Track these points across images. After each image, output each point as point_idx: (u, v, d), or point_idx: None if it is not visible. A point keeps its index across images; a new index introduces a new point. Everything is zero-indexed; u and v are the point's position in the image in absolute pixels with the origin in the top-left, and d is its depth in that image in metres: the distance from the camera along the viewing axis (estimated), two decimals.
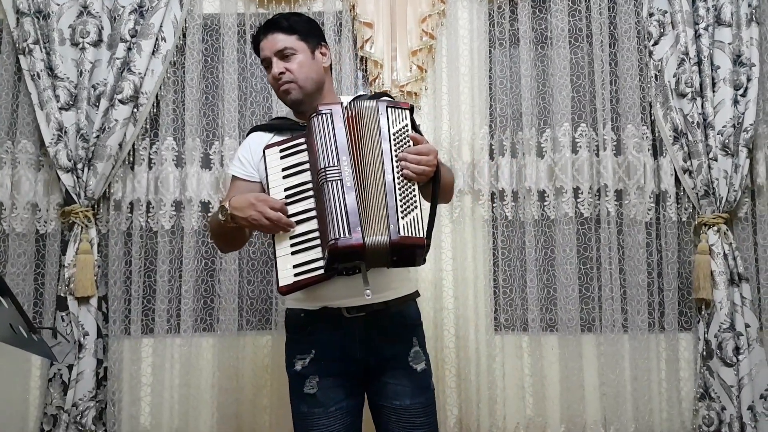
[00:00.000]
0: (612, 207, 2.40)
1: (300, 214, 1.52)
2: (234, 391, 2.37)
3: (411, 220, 1.44)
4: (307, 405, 1.62)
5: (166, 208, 2.42)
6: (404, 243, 1.43)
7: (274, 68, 1.68)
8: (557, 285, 2.40)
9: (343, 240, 1.41)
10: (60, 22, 2.38)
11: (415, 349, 1.66)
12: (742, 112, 2.34)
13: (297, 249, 1.51)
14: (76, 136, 2.33)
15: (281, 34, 1.68)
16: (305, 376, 1.62)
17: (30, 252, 2.40)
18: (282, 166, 1.56)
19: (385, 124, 1.50)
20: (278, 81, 1.68)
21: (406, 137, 1.50)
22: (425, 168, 1.48)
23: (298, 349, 1.65)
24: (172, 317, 2.41)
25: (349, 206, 1.43)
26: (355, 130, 1.50)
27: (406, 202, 1.45)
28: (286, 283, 1.49)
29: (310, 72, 1.69)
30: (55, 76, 2.35)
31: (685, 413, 2.37)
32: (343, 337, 1.61)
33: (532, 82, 2.45)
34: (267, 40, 1.70)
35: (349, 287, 1.56)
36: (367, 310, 1.60)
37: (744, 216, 2.40)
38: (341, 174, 1.45)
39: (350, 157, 1.47)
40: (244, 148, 1.75)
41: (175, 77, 2.48)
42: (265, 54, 1.70)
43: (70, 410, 2.26)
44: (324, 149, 1.48)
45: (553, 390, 2.38)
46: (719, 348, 2.30)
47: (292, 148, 1.57)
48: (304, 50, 1.69)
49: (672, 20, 2.39)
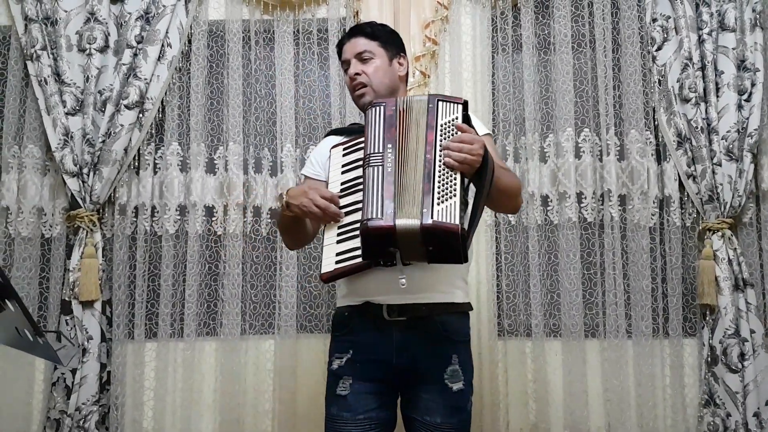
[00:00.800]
0: (616, 212, 2.39)
1: (351, 206, 1.54)
2: (236, 395, 2.37)
3: (447, 207, 1.39)
4: (337, 407, 1.59)
5: (170, 212, 2.43)
6: (436, 227, 1.37)
7: (351, 69, 1.73)
8: (561, 290, 2.39)
9: (373, 221, 1.40)
10: (67, 28, 2.41)
11: (453, 368, 1.59)
12: (746, 117, 2.34)
13: (342, 238, 1.51)
14: (82, 141, 2.35)
15: (363, 38, 1.75)
16: (340, 377, 1.60)
17: (35, 256, 2.42)
18: (342, 163, 1.62)
19: (433, 115, 1.49)
20: (353, 81, 1.73)
21: (453, 128, 1.48)
22: (467, 156, 1.42)
23: (338, 348, 1.65)
24: (176, 321, 2.42)
25: (385, 190, 1.43)
26: (403, 121, 1.51)
27: (443, 189, 1.41)
28: (326, 270, 1.49)
29: (384, 77, 1.73)
30: (62, 82, 2.37)
31: (689, 420, 2.35)
32: (381, 341, 1.58)
33: (535, 88, 2.46)
34: (349, 43, 1.76)
35: (387, 281, 1.53)
36: (408, 315, 1.57)
37: (749, 221, 2.39)
38: (383, 160, 1.47)
39: (395, 145, 1.48)
40: (316, 150, 1.83)
41: (181, 83, 2.50)
42: (345, 56, 1.76)
43: (73, 414, 2.27)
44: (372, 138, 1.50)
45: (557, 396, 2.37)
46: (724, 354, 2.28)
47: (353, 146, 1.62)
48: (382, 56, 1.74)
49: (675, 25, 2.39)
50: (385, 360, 1.57)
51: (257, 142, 2.50)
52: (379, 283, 1.56)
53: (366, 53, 1.73)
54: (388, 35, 1.79)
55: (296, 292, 2.41)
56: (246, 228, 2.44)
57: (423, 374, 1.58)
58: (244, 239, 2.44)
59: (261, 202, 2.46)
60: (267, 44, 2.54)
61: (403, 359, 1.57)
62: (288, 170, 2.45)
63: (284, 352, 2.38)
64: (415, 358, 1.58)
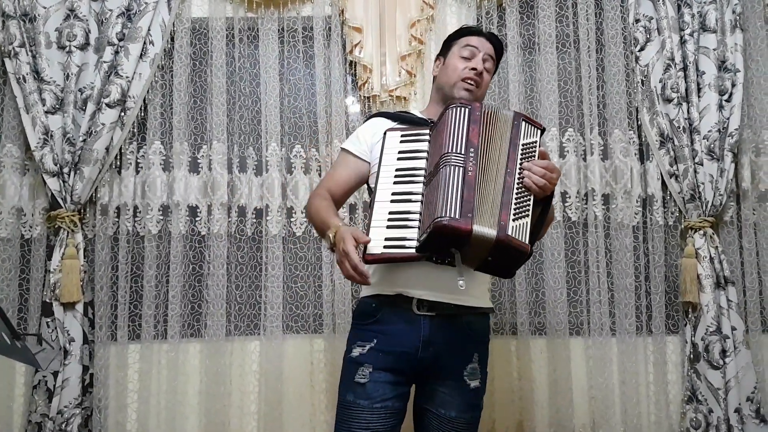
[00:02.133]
0: (599, 211, 2.41)
1: (404, 194, 1.54)
2: (221, 397, 2.35)
3: (520, 225, 1.43)
4: (354, 394, 1.59)
5: (153, 212, 2.40)
6: (510, 243, 1.40)
7: (479, 63, 1.74)
8: (545, 289, 2.41)
9: (452, 220, 1.39)
10: (46, 25, 2.36)
11: (473, 366, 1.64)
12: (727, 117, 2.37)
13: (392, 224, 1.51)
14: (63, 140, 2.31)
15: (494, 49, 1.80)
16: (360, 364, 1.60)
17: (15, 257, 2.37)
18: (399, 149, 1.61)
19: (516, 133, 1.53)
20: (473, 72, 1.73)
21: (534, 151, 1.53)
22: (547, 183, 1.48)
23: (361, 336, 1.64)
24: (159, 323, 2.39)
25: (466, 192, 1.42)
26: (487, 129, 1.52)
27: (519, 207, 1.45)
28: (373, 252, 1.47)
29: (485, 92, 1.80)
30: (41, 80, 2.33)
31: (672, 416, 2.39)
32: (408, 334, 1.59)
33: (519, 87, 2.47)
34: (483, 41, 1.78)
35: (430, 278, 1.57)
36: (437, 311, 1.59)
37: (730, 220, 2.43)
38: (465, 162, 1.46)
39: (477, 151, 1.48)
40: (364, 128, 1.80)
41: (163, 81, 2.47)
42: (476, 45, 1.77)
43: (55, 418, 2.23)
44: (453, 137, 1.50)
45: (542, 393, 2.39)
46: (706, 351, 2.32)
47: (414, 135, 1.62)
48: (491, 74, 1.81)
49: (658, 26, 2.42)
50: (410, 352, 1.59)
51: (241, 141, 2.47)
52: (415, 276, 1.58)
53: (490, 62, 1.78)
54: (500, 62, 1.86)
55: (282, 292, 2.39)
56: (231, 228, 2.42)
57: (444, 369, 1.61)
58: (229, 239, 2.42)
59: (246, 202, 2.44)
60: (251, 42, 2.52)
61: (428, 353, 1.59)
62: (273, 169, 2.43)
63: (270, 353, 2.37)
64: (438, 353, 1.60)
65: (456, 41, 1.81)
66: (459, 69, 1.74)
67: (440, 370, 1.61)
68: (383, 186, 1.57)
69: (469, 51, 1.76)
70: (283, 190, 2.44)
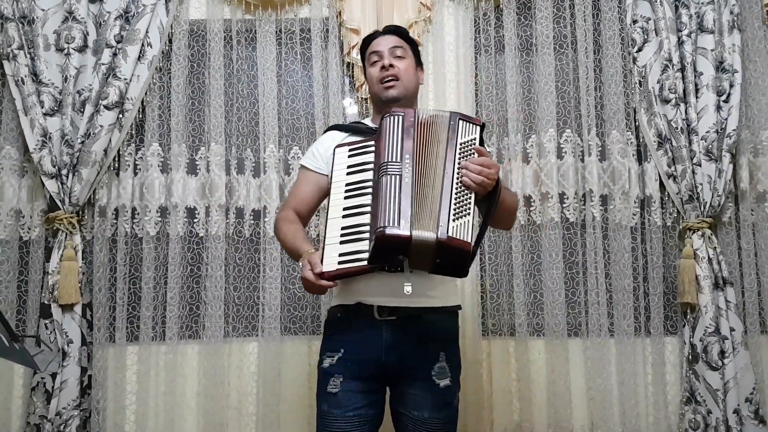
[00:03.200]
0: (597, 212, 2.41)
1: (355, 208, 1.56)
2: (220, 398, 2.35)
3: (461, 225, 1.45)
4: (328, 404, 1.62)
5: (151, 214, 2.40)
6: (450, 244, 1.43)
7: (385, 60, 1.75)
8: (544, 290, 2.41)
9: (390, 228, 1.43)
10: (45, 27, 2.37)
11: (440, 365, 1.64)
12: (725, 118, 2.37)
13: (345, 239, 1.53)
14: (61, 142, 2.32)
15: (398, 37, 1.80)
16: (330, 375, 1.63)
17: (13, 259, 2.38)
18: (347, 164, 1.63)
19: (454, 133, 1.55)
20: (386, 71, 1.74)
21: (472, 149, 1.55)
22: (485, 180, 1.50)
23: (329, 346, 1.67)
24: (158, 324, 2.39)
25: (402, 200, 1.46)
26: (423, 134, 1.55)
27: (459, 207, 1.47)
28: (328, 270, 1.51)
29: (412, 79, 1.78)
30: (39, 82, 2.33)
31: (671, 417, 2.38)
32: (372, 340, 1.62)
33: (517, 89, 2.47)
34: (384, 38, 1.80)
35: (386, 285, 1.59)
36: (399, 315, 1.61)
37: (728, 221, 2.43)
38: (401, 170, 1.50)
39: (413, 157, 1.51)
40: (319, 143, 1.83)
41: (161, 83, 2.47)
42: (378, 48, 1.78)
43: (53, 419, 2.24)
44: (389, 147, 1.53)
45: (540, 394, 2.38)
46: (705, 352, 2.31)
47: (360, 149, 1.64)
48: (411, 59, 1.80)
49: (655, 27, 2.41)
50: (375, 358, 1.61)
51: (239, 143, 2.48)
52: (373, 286, 1.61)
53: (400, 50, 1.78)
54: (416, 46, 1.86)
55: (280, 294, 2.40)
56: (228, 229, 2.43)
57: (411, 371, 1.63)
58: (227, 241, 2.42)
59: (244, 203, 2.45)
60: (249, 44, 2.53)
61: (392, 357, 1.61)
62: (271, 171, 2.43)
63: (268, 354, 2.37)
64: (403, 355, 1.62)
65: (365, 56, 1.84)
66: (374, 76, 1.77)
67: (408, 372, 1.63)
68: (335, 202, 1.60)
69: (375, 56, 1.78)
70: (281, 191, 2.44)
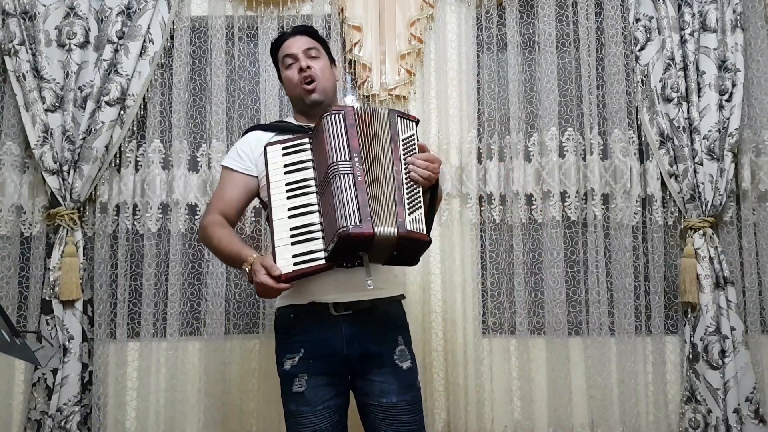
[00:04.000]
0: (599, 211, 2.41)
1: (300, 208, 1.57)
2: (221, 395, 2.36)
3: (416, 218, 1.51)
4: (296, 403, 1.65)
5: (152, 210, 2.40)
6: (411, 236, 1.48)
7: (302, 62, 1.76)
8: (545, 288, 2.41)
9: (354, 228, 1.45)
10: (46, 23, 2.36)
11: (400, 348, 1.70)
12: (727, 117, 2.37)
13: (297, 240, 1.53)
14: (62, 138, 2.32)
15: (309, 38, 1.81)
16: (294, 375, 1.65)
17: (14, 255, 2.38)
18: (284, 163, 1.62)
19: (395, 130, 1.59)
20: (304, 74, 1.75)
21: (413, 145, 1.60)
22: (431, 174, 1.57)
23: (288, 348, 1.69)
24: (159, 321, 2.39)
25: (360, 198, 1.49)
26: (366, 131, 1.58)
27: (411, 200, 1.53)
28: (285, 272, 1.51)
29: (329, 78, 1.80)
30: (41, 78, 2.33)
31: (671, 416, 2.38)
32: (331, 336, 1.64)
33: (519, 87, 2.46)
34: (295, 40, 1.80)
35: (339, 281, 1.62)
36: (354, 309, 1.64)
37: (729, 220, 2.43)
38: (353, 168, 1.52)
39: (360, 154, 1.54)
40: (243, 143, 1.81)
41: (163, 79, 2.47)
42: (291, 50, 1.78)
43: (54, 415, 2.24)
44: (335, 145, 1.55)
45: (541, 393, 2.39)
46: (705, 351, 2.31)
47: (295, 147, 1.63)
48: (325, 59, 1.82)
49: (658, 26, 2.41)
50: (337, 353, 1.64)
51: None
52: (325, 284, 1.62)
53: (313, 50, 1.79)
54: (326, 44, 1.88)
55: None
56: None
57: (374, 359, 1.67)
58: None
59: None
60: (251, 40, 2.52)
61: (354, 349, 1.65)
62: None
63: (268, 351, 2.36)
64: (365, 346, 1.66)
65: (278, 59, 1.84)
66: (293, 80, 1.78)
67: (371, 361, 1.66)
68: (278, 203, 1.58)
69: (290, 59, 1.78)
70: None
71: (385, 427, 1.65)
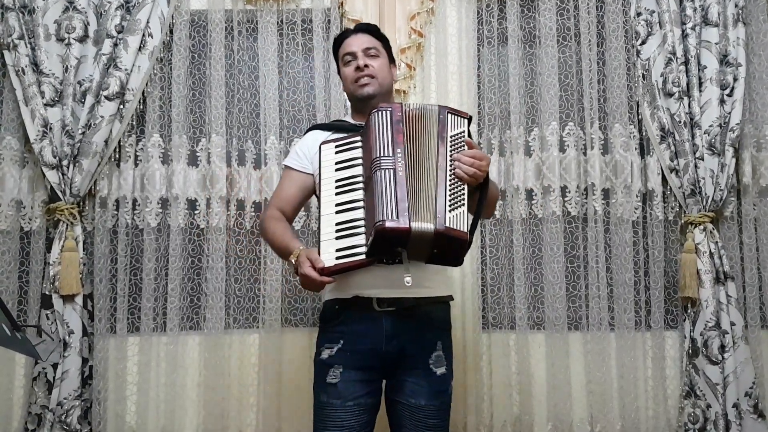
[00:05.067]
0: (599, 206, 2.40)
1: (347, 204, 1.59)
2: (221, 389, 2.36)
3: (457, 215, 1.49)
4: (327, 395, 1.65)
5: (152, 205, 2.40)
6: (448, 234, 1.47)
7: (360, 61, 1.78)
8: (544, 283, 2.41)
9: (390, 222, 1.46)
10: (45, 17, 2.35)
11: (437, 353, 1.69)
12: (728, 112, 2.36)
13: (341, 234, 1.56)
14: (62, 133, 2.31)
15: (371, 36, 1.84)
16: (330, 366, 1.66)
17: (14, 249, 2.38)
18: (335, 160, 1.66)
19: (443, 126, 1.59)
20: (360, 72, 1.78)
21: (462, 142, 1.59)
22: (477, 171, 1.55)
23: (328, 338, 1.70)
24: (159, 315, 2.39)
25: (399, 193, 1.49)
26: (412, 127, 1.59)
27: (454, 198, 1.51)
28: (327, 265, 1.53)
29: (387, 76, 1.83)
30: (40, 72, 2.32)
31: (670, 411, 2.39)
32: (372, 330, 1.65)
33: (520, 81, 2.45)
34: (356, 38, 1.83)
35: (383, 277, 1.63)
36: (398, 306, 1.65)
37: (730, 215, 2.42)
38: (394, 164, 1.53)
39: (405, 150, 1.55)
40: (302, 143, 1.86)
41: (162, 74, 2.46)
42: (351, 49, 1.81)
43: (55, 409, 2.25)
44: (380, 141, 1.56)
45: (540, 388, 2.39)
46: (705, 346, 2.31)
47: (346, 145, 1.67)
48: (384, 57, 1.84)
49: (659, 20, 2.40)
50: (375, 348, 1.65)
51: (240, 134, 2.47)
52: (370, 278, 1.63)
53: (373, 49, 1.81)
54: (387, 42, 1.89)
55: (280, 285, 2.40)
56: (229, 221, 2.42)
57: (410, 360, 1.67)
58: (228, 233, 2.42)
59: (245, 195, 2.44)
60: (250, 35, 2.51)
61: (392, 346, 1.65)
62: (272, 162, 2.42)
63: (269, 346, 2.37)
64: (403, 345, 1.66)
65: (338, 56, 1.87)
66: (349, 77, 1.81)
67: (406, 361, 1.67)
68: (326, 199, 1.62)
69: (349, 57, 1.82)
70: None
71: (409, 424, 1.67)
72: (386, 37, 1.90)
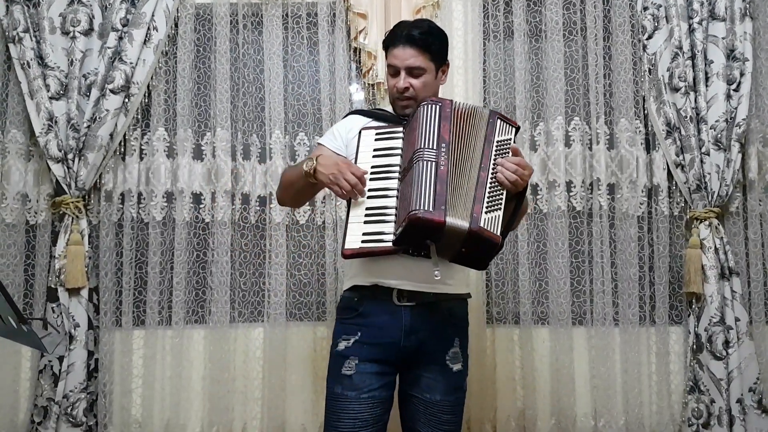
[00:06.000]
0: (604, 201, 2.40)
1: (379, 191, 1.60)
2: (225, 382, 2.37)
3: (492, 218, 1.49)
4: (342, 387, 1.65)
5: (157, 199, 2.40)
6: (482, 234, 1.46)
7: (401, 82, 1.72)
8: (549, 278, 2.41)
9: (425, 213, 1.45)
10: (50, 10, 2.35)
11: (454, 350, 1.70)
12: (734, 107, 2.35)
13: (370, 219, 1.56)
14: (67, 126, 2.31)
15: (416, 50, 1.71)
16: (346, 357, 1.66)
17: (20, 243, 2.38)
18: (374, 147, 1.66)
19: (492, 130, 1.59)
20: (400, 92, 1.73)
21: (508, 148, 1.58)
22: (518, 179, 1.54)
23: (345, 330, 1.70)
24: (164, 309, 2.40)
25: (438, 186, 1.48)
26: (460, 125, 1.58)
27: (491, 201, 1.51)
28: (351, 247, 1.54)
29: (430, 91, 1.75)
30: (45, 65, 2.32)
31: (674, 406, 2.39)
32: (391, 324, 1.65)
33: (525, 75, 2.45)
34: (401, 51, 1.72)
35: (406, 268, 1.62)
36: (417, 301, 1.65)
37: (735, 210, 2.42)
38: (437, 157, 1.52)
39: (449, 146, 1.54)
40: (341, 124, 1.84)
41: (167, 67, 2.46)
42: (395, 62, 1.73)
43: (60, 402, 2.26)
44: (425, 133, 1.55)
45: (544, 382, 2.39)
46: (709, 341, 2.31)
47: (388, 134, 1.67)
48: (431, 71, 1.75)
49: (666, 14, 2.39)
50: (394, 342, 1.65)
51: (245, 128, 2.47)
52: (392, 268, 1.63)
53: (417, 70, 1.71)
54: (440, 46, 1.76)
55: (285, 279, 2.40)
56: (234, 215, 2.43)
57: (427, 355, 1.68)
58: (233, 227, 2.42)
59: (249, 189, 2.44)
60: (255, 28, 2.51)
61: (411, 341, 1.65)
62: (277, 157, 2.42)
63: (273, 339, 2.38)
64: (421, 340, 1.66)
65: (387, 53, 1.78)
66: (391, 90, 1.77)
67: (424, 356, 1.67)
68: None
69: (392, 70, 1.75)
70: None
71: (423, 419, 1.67)
72: (439, 42, 1.74)
